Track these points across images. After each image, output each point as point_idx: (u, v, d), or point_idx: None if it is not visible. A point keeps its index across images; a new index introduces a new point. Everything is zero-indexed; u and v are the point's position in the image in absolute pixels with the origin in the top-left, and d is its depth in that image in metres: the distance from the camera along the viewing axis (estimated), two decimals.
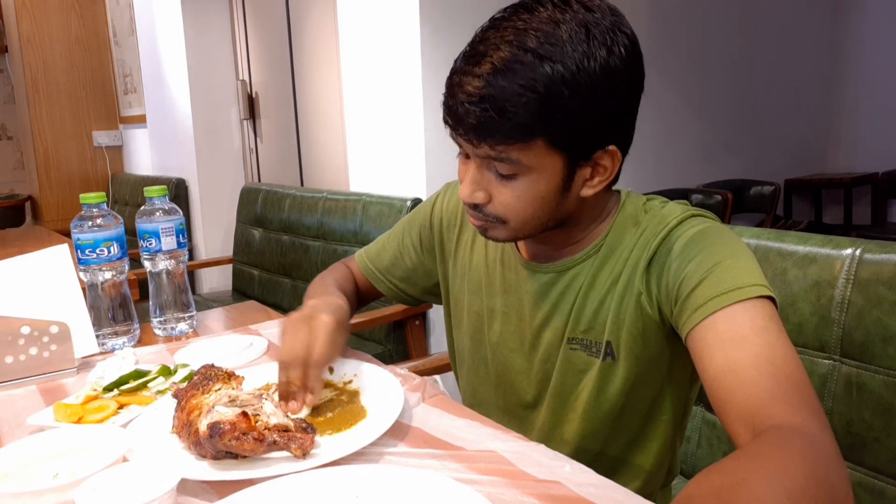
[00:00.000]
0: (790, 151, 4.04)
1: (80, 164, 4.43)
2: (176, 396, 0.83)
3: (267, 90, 3.30)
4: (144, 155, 4.16)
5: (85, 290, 1.21)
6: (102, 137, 4.46)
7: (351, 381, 0.94)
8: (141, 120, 4.04)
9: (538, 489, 0.66)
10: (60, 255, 1.20)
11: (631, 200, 0.88)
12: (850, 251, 0.92)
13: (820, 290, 0.94)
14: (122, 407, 0.92)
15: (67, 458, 0.74)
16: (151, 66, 3.76)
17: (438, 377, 1.26)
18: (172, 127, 3.61)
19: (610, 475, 0.70)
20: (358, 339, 2.17)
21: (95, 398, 0.93)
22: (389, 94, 2.26)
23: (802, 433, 0.60)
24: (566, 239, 0.88)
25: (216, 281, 3.49)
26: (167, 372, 1.00)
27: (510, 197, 0.79)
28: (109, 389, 0.95)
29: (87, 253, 1.20)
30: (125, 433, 0.78)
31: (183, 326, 1.31)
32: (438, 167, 2.18)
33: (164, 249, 1.26)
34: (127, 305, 1.26)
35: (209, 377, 0.83)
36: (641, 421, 0.89)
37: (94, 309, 1.22)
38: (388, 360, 2.00)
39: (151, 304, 1.31)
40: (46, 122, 4.30)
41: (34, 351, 1.06)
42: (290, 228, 2.59)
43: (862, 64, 4.14)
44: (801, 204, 4.24)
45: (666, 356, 0.84)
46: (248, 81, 3.38)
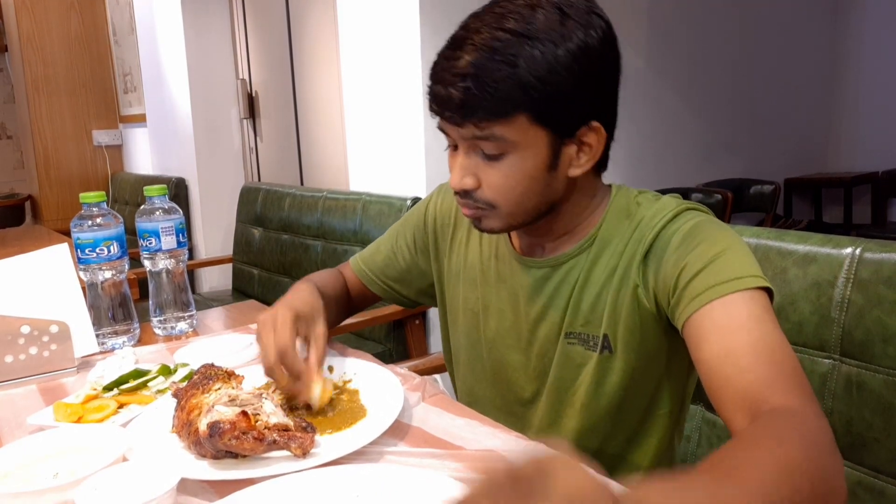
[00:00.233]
0: (790, 151, 4.04)
1: (79, 163, 4.43)
2: (176, 396, 0.83)
3: (267, 90, 3.30)
4: (144, 154, 4.16)
5: (85, 289, 1.21)
6: (102, 137, 4.46)
7: (351, 380, 0.94)
8: (141, 119, 4.04)
9: None
10: (60, 254, 1.20)
11: (622, 193, 0.89)
12: (850, 250, 0.92)
13: (820, 289, 0.94)
14: (121, 406, 0.92)
15: (67, 457, 0.74)
16: (151, 65, 3.76)
17: (438, 376, 1.27)
18: (172, 126, 3.61)
19: (609, 474, 0.70)
20: (358, 338, 2.17)
21: (95, 398, 0.93)
22: (389, 94, 2.25)
23: (798, 416, 0.60)
24: (558, 229, 0.88)
25: (216, 280, 3.49)
26: (167, 371, 1.00)
27: (498, 178, 0.80)
28: (109, 389, 0.95)
29: (86, 252, 1.20)
30: (125, 433, 0.78)
31: (183, 326, 1.31)
32: (438, 167, 2.18)
33: (164, 249, 1.26)
34: (127, 305, 1.26)
35: (209, 376, 0.83)
36: (640, 416, 0.89)
37: (93, 308, 1.22)
38: (387, 359, 2.00)
39: (151, 303, 1.31)
40: (46, 121, 4.30)
41: (34, 350, 1.06)
42: (289, 228, 2.59)
43: (862, 64, 4.14)
44: (801, 203, 4.24)
45: (663, 349, 0.84)
46: (248, 81, 3.38)
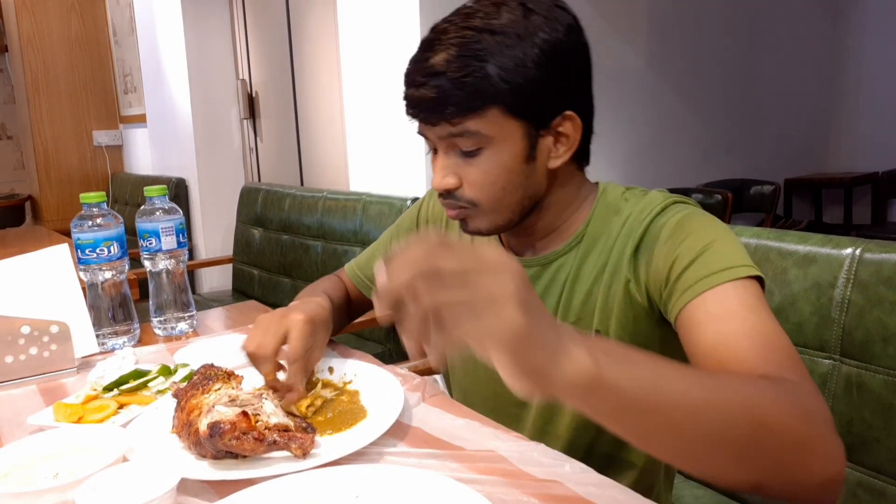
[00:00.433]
0: (790, 151, 4.04)
1: (80, 163, 4.43)
2: (176, 396, 0.83)
3: (267, 90, 3.30)
4: (144, 154, 4.16)
5: (85, 289, 1.21)
6: (102, 137, 4.46)
7: (351, 381, 0.94)
8: (141, 119, 4.04)
9: (538, 489, 0.66)
10: (60, 254, 1.20)
11: (610, 190, 0.89)
12: (850, 251, 0.92)
13: (820, 289, 0.94)
14: (122, 407, 0.92)
15: (67, 458, 0.74)
16: (151, 65, 3.76)
17: (438, 377, 1.26)
18: (172, 127, 3.61)
19: (602, 472, 0.70)
20: (358, 338, 2.17)
21: (95, 398, 0.93)
22: (389, 94, 2.25)
23: (787, 384, 0.60)
24: (545, 227, 0.88)
25: (216, 281, 3.49)
26: (167, 372, 1.00)
27: (478, 174, 0.80)
28: (109, 389, 0.95)
29: (87, 252, 1.20)
30: (125, 433, 0.78)
31: (183, 326, 1.31)
32: None
33: (164, 249, 1.26)
34: (127, 305, 1.26)
35: (209, 377, 0.83)
36: None
37: (94, 308, 1.22)
38: (388, 360, 2.00)
39: (151, 303, 1.31)
40: (46, 121, 4.30)
41: (34, 351, 1.06)
42: (290, 228, 2.59)
43: (862, 64, 4.14)
44: (801, 203, 4.24)
45: (656, 343, 0.84)
46: (248, 81, 3.38)
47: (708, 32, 3.40)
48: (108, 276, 1.23)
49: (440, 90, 0.76)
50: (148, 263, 1.28)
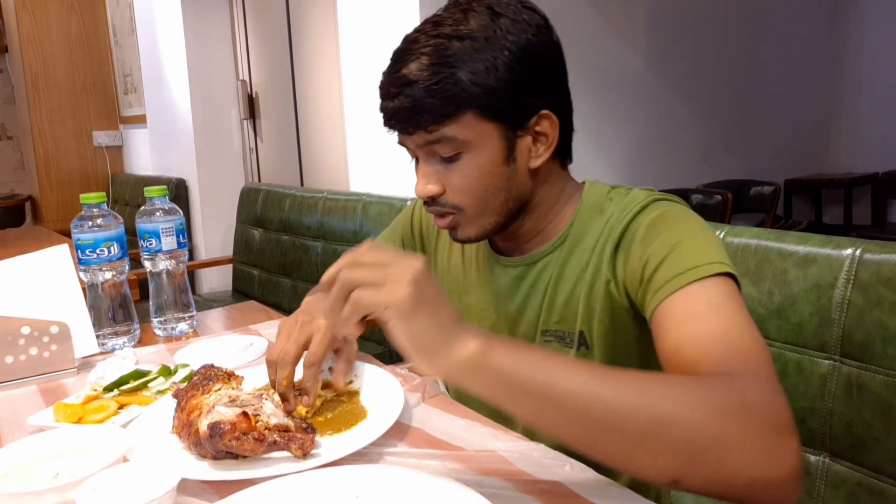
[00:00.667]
0: (790, 151, 4.04)
1: (80, 164, 4.43)
2: (176, 396, 0.83)
3: (267, 90, 3.30)
4: (144, 155, 4.16)
5: (85, 290, 1.21)
6: (102, 137, 4.46)
7: (351, 381, 0.94)
8: (141, 120, 4.04)
9: (538, 488, 0.67)
10: (60, 255, 1.20)
11: (595, 189, 0.89)
12: (850, 251, 0.92)
13: (820, 290, 0.94)
14: (122, 407, 0.92)
15: (67, 458, 0.74)
16: (151, 66, 3.76)
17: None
18: (172, 127, 3.61)
19: (602, 472, 0.70)
20: (358, 339, 2.17)
21: (95, 398, 0.93)
22: None
23: (714, 381, 0.60)
24: (532, 229, 0.89)
25: (216, 281, 3.49)
26: (167, 372, 1.00)
27: (459, 179, 0.81)
28: (109, 389, 0.95)
29: (87, 253, 1.20)
30: (125, 433, 0.78)
31: (183, 326, 1.31)
32: None
33: (164, 249, 1.26)
34: (127, 305, 1.26)
35: (209, 377, 0.83)
36: None
37: (94, 309, 1.22)
38: (388, 360, 1.99)
39: (151, 304, 1.31)
40: (46, 122, 4.30)
41: (34, 351, 1.06)
42: (290, 228, 2.59)
43: (862, 64, 4.14)
44: (801, 204, 4.24)
45: (641, 341, 0.84)
46: (248, 81, 3.38)
47: (708, 32, 3.40)
48: (108, 276, 1.23)
49: (413, 99, 0.76)
50: (148, 264, 1.28)
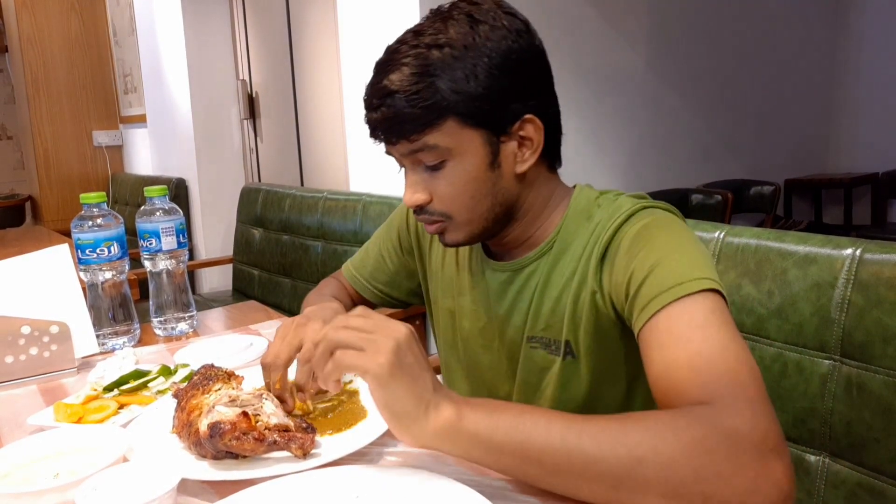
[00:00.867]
0: (790, 151, 4.04)
1: (80, 163, 4.43)
2: (176, 396, 0.83)
3: (267, 90, 3.30)
4: (144, 155, 4.16)
5: (85, 289, 1.21)
6: (102, 137, 4.46)
7: (351, 381, 0.94)
8: (141, 120, 4.04)
9: (538, 489, 0.66)
10: (60, 254, 1.20)
11: (583, 194, 0.88)
12: (850, 251, 0.92)
13: (820, 290, 0.94)
14: (122, 407, 0.92)
15: (67, 458, 0.74)
16: (151, 65, 3.76)
17: (439, 377, 1.27)
18: (172, 127, 3.61)
19: None
20: None
21: (96, 398, 0.93)
22: None
23: (706, 411, 0.60)
24: (520, 233, 0.88)
25: (216, 281, 3.49)
26: (167, 372, 1.00)
27: (445, 186, 0.81)
28: (110, 389, 0.95)
29: (87, 253, 1.20)
30: (125, 433, 0.78)
31: (183, 326, 1.31)
32: None
33: (164, 249, 1.26)
34: (127, 305, 1.26)
35: (209, 377, 0.83)
36: None
37: (94, 309, 1.22)
38: None
39: (151, 304, 1.31)
40: (46, 122, 4.30)
41: (34, 351, 1.06)
42: (290, 228, 2.59)
43: (862, 64, 4.14)
44: (801, 204, 4.24)
45: (627, 352, 0.84)
46: (248, 81, 3.38)
47: (708, 33, 3.40)
48: (108, 276, 1.23)
49: (395, 109, 0.77)
50: (148, 264, 1.28)
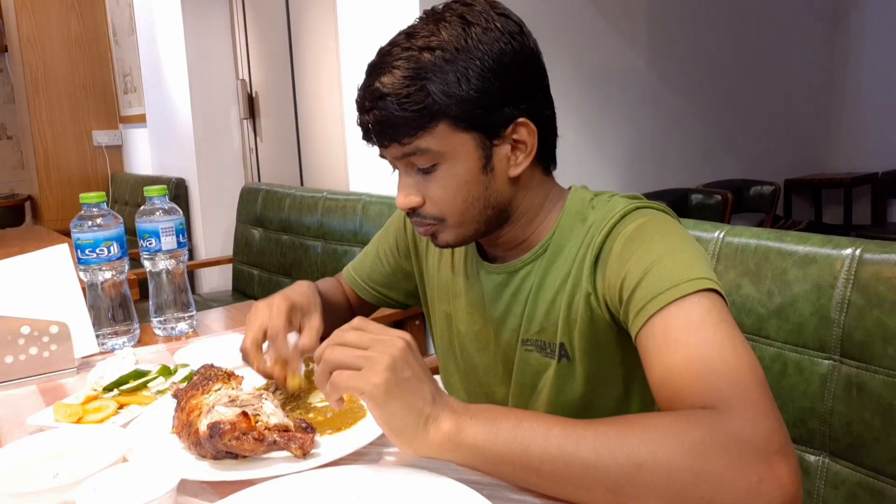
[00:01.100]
0: (790, 151, 4.04)
1: (79, 163, 4.43)
2: (176, 396, 0.83)
3: (267, 90, 3.30)
4: (144, 155, 4.16)
5: (85, 289, 1.21)
6: (102, 137, 4.46)
7: None
8: (141, 119, 4.04)
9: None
10: (60, 254, 1.20)
11: (578, 196, 0.88)
12: (850, 251, 0.92)
13: (820, 290, 0.94)
14: (122, 407, 0.92)
15: (67, 458, 0.74)
16: (151, 65, 3.76)
17: (437, 377, 1.27)
18: (172, 127, 3.61)
19: None
20: None
21: (95, 398, 0.93)
22: None
23: (692, 417, 0.60)
24: (514, 235, 0.88)
25: (216, 281, 3.49)
26: (167, 372, 1.00)
27: (437, 190, 0.81)
28: (109, 389, 0.95)
29: (87, 253, 1.20)
30: (125, 433, 0.78)
31: (183, 326, 1.31)
32: None
33: (164, 249, 1.26)
34: (127, 305, 1.26)
35: (209, 377, 0.83)
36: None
37: (94, 309, 1.22)
38: None
39: (151, 303, 1.31)
40: (46, 121, 4.30)
41: (34, 351, 1.06)
42: (290, 228, 2.59)
43: (861, 64, 4.14)
44: (801, 204, 4.24)
45: (623, 354, 0.83)
46: (248, 81, 3.38)
47: (708, 32, 3.40)
48: (107, 276, 1.23)
49: (387, 112, 0.76)
50: (148, 264, 1.28)
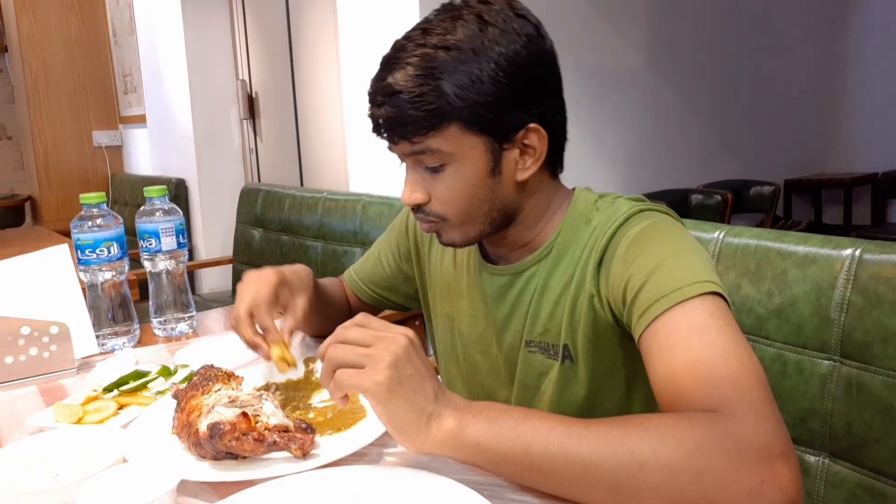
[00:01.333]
0: (790, 151, 4.04)
1: (79, 164, 4.43)
2: (176, 397, 0.83)
3: (267, 90, 3.30)
4: (144, 155, 4.16)
5: (85, 290, 1.21)
6: (102, 137, 4.46)
7: None
8: (141, 120, 4.04)
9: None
10: (60, 255, 1.20)
11: (583, 198, 0.87)
12: (849, 251, 0.92)
13: (820, 290, 0.94)
14: (121, 407, 0.92)
15: (67, 458, 0.74)
16: (151, 66, 3.76)
17: (438, 377, 1.27)
18: (172, 127, 3.61)
19: None
20: None
21: (95, 399, 0.93)
22: None
23: (696, 419, 0.60)
24: (518, 237, 0.88)
25: (216, 281, 3.49)
26: (167, 372, 1.00)
27: (443, 190, 0.81)
28: (109, 390, 0.95)
29: (87, 253, 1.20)
30: (125, 434, 0.78)
31: (183, 327, 1.31)
32: None
33: (163, 249, 1.26)
34: (127, 306, 1.26)
35: (209, 378, 0.83)
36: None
37: (93, 309, 1.22)
38: None
39: (151, 304, 1.30)
40: (46, 122, 4.30)
41: (34, 351, 1.06)
42: (289, 228, 2.59)
43: (861, 65, 4.14)
44: (800, 204, 4.24)
45: (625, 356, 0.83)
46: (248, 81, 3.38)
47: (708, 32, 3.40)
48: (107, 276, 1.23)
49: (398, 110, 0.76)
50: (148, 264, 1.28)
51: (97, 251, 1.20)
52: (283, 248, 2.62)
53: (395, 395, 0.62)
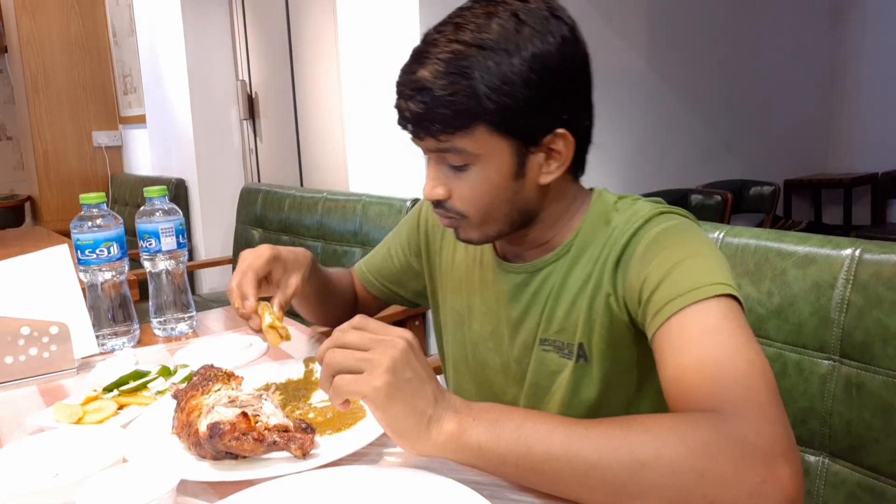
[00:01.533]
0: (790, 151, 4.05)
1: (79, 164, 4.43)
2: (175, 397, 0.83)
3: (267, 90, 3.30)
4: (144, 155, 4.16)
5: (85, 290, 1.21)
6: (102, 138, 4.46)
7: None
8: (141, 120, 4.04)
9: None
10: (60, 255, 1.20)
11: (602, 199, 0.87)
12: (849, 251, 0.92)
13: (820, 290, 0.94)
14: (121, 407, 0.92)
15: (67, 458, 0.74)
16: (151, 66, 3.76)
17: (440, 377, 1.27)
18: (172, 127, 3.61)
19: None
20: None
21: (95, 399, 0.93)
22: (389, 94, 2.25)
23: (697, 419, 0.61)
24: (538, 238, 0.88)
25: (216, 281, 3.49)
26: (167, 372, 1.00)
27: (465, 188, 0.80)
28: (109, 390, 0.95)
29: (86, 253, 1.20)
30: (125, 434, 0.78)
31: (183, 327, 1.31)
32: None
33: (163, 250, 1.26)
34: (127, 306, 1.26)
35: (209, 378, 0.83)
36: None
37: (93, 309, 1.22)
38: None
39: (151, 304, 1.30)
40: (46, 122, 4.30)
41: (34, 351, 1.06)
42: (289, 229, 2.59)
43: (861, 65, 4.14)
44: (800, 204, 4.24)
45: (640, 356, 0.83)
46: (248, 81, 3.38)
47: (708, 32, 3.40)
48: (107, 276, 1.23)
49: (427, 106, 0.75)
50: (148, 264, 1.28)
51: (97, 251, 1.20)
52: None
53: (393, 400, 0.61)
